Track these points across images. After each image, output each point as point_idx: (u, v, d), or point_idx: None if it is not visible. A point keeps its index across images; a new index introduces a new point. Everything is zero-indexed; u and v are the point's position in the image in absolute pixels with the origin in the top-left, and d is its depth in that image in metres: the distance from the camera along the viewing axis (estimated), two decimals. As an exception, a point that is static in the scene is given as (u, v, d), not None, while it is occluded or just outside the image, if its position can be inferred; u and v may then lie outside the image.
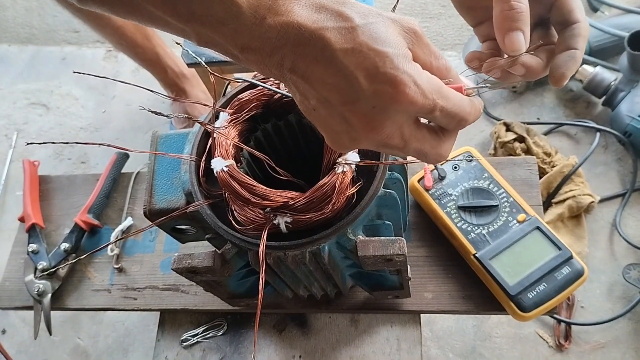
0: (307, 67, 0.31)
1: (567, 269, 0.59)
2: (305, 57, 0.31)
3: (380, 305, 0.65)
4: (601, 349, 0.98)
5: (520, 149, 1.11)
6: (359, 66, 0.31)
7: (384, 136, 0.33)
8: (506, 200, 0.63)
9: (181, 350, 0.69)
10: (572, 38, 0.46)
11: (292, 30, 0.30)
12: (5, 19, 1.65)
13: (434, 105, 0.32)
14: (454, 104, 0.34)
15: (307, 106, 0.34)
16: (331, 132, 0.34)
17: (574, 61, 0.46)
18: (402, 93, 0.31)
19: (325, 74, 0.31)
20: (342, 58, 0.30)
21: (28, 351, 1.15)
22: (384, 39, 0.31)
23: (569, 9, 0.47)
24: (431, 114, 0.33)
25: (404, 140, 0.34)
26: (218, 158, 0.46)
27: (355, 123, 0.32)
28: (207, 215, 0.47)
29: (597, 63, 1.17)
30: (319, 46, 0.30)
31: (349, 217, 0.45)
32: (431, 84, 0.32)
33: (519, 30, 0.43)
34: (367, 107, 0.32)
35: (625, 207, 1.08)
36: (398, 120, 0.33)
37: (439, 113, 0.33)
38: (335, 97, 0.32)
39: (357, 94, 0.31)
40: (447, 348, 1.02)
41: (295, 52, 0.31)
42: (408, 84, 0.31)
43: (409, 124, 0.33)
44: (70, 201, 0.81)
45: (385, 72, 0.31)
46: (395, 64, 0.31)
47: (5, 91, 1.53)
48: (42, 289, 0.72)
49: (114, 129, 1.41)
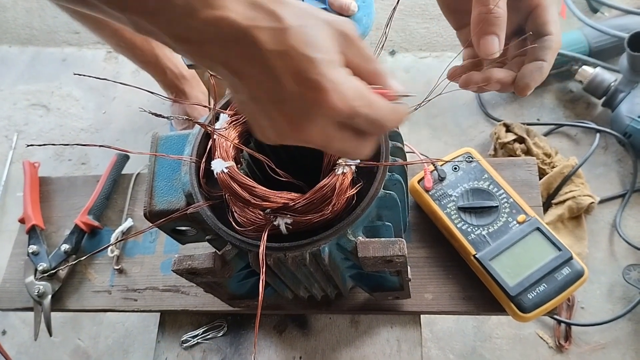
0: (237, 63, 0.32)
1: (567, 270, 0.59)
2: (237, 54, 0.31)
3: (381, 306, 0.65)
4: (601, 350, 0.98)
5: (520, 149, 1.11)
6: (287, 70, 0.31)
7: (307, 136, 0.34)
8: (506, 201, 0.63)
9: (181, 351, 0.69)
10: (541, 50, 0.48)
11: (224, 26, 0.30)
12: (5, 20, 1.66)
13: (355, 112, 0.33)
14: (376, 112, 0.35)
15: (237, 98, 0.35)
16: (258, 126, 0.35)
17: (540, 72, 0.47)
18: (325, 99, 0.32)
19: (255, 73, 0.32)
20: (271, 60, 0.31)
21: (28, 352, 1.15)
22: (314, 43, 0.32)
23: (543, 21, 0.48)
24: (352, 120, 0.34)
25: (326, 141, 0.35)
26: (218, 159, 0.46)
27: (281, 121, 0.34)
28: (208, 216, 0.47)
29: (597, 64, 1.18)
30: (249, 45, 0.31)
31: (349, 218, 0.45)
32: (355, 92, 0.33)
33: (494, 35, 0.45)
34: (293, 108, 0.33)
35: (625, 207, 1.08)
36: (320, 123, 0.33)
37: (359, 119, 0.34)
38: (264, 95, 0.33)
39: (283, 95, 0.32)
40: (448, 349, 1.02)
41: (227, 47, 0.31)
42: (331, 91, 0.32)
43: (331, 126, 0.34)
44: (70, 202, 0.81)
45: (311, 78, 0.31)
46: (321, 70, 0.31)
47: (6, 92, 1.54)
48: (42, 290, 0.72)
49: (114, 130, 1.41)
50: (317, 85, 0.32)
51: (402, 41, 1.41)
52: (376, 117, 0.35)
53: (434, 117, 1.27)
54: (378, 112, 0.35)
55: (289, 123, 0.34)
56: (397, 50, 1.40)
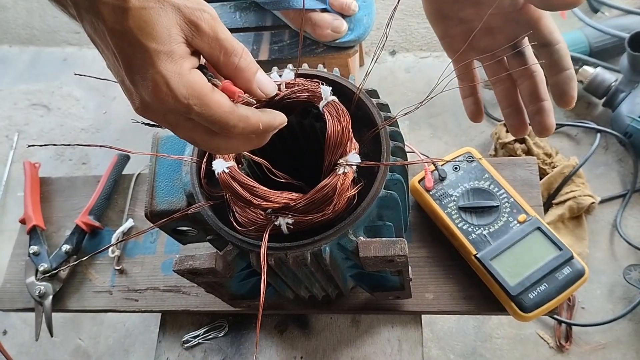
0: (91, 32, 0.32)
1: (568, 270, 0.59)
2: (90, 24, 0.31)
3: (382, 306, 0.65)
4: (602, 350, 0.98)
5: (520, 149, 1.11)
6: (121, 53, 0.31)
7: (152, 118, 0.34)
8: (507, 201, 0.63)
9: (182, 352, 0.69)
10: (562, 59, 0.49)
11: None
12: (6, 20, 1.66)
13: (187, 109, 0.32)
14: (213, 112, 0.33)
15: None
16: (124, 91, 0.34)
17: (575, 79, 0.49)
18: (154, 92, 0.31)
19: (102, 46, 0.32)
20: (109, 38, 0.31)
21: (29, 352, 1.15)
22: (151, 30, 0.30)
23: (550, 30, 0.49)
24: (187, 116, 0.33)
25: (172, 127, 0.35)
26: (219, 159, 0.46)
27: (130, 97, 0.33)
28: (209, 216, 0.47)
29: (598, 64, 1.17)
30: (95, 18, 0.30)
31: (350, 218, 0.45)
32: (188, 89, 0.32)
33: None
34: (132, 89, 0.32)
35: (625, 207, 1.08)
36: (160, 110, 0.33)
37: (195, 117, 0.33)
38: (112, 70, 0.33)
39: (121, 76, 0.32)
40: (448, 349, 1.02)
41: (84, 16, 0.31)
42: (160, 85, 0.31)
43: (173, 115, 0.33)
44: (71, 203, 0.81)
45: (141, 68, 0.31)
46: (152, 62, 0.31)
47: (6, 92, 1.54)
48: (43, 290, 0.72)
49: (115, 130, 1.41)
50: (147, 76, 0.31)
51: (402, 41, 1.41)
52: (212, 118, 0.33)
53: (434, 117, 1.27)
54: (214, 113, 0.33)
55: (133, 103, 0.33)
56: (397, 50, 1.40)
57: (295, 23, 0.93)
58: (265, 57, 0.93)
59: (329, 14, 0.89)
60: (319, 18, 0.88)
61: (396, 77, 1.35)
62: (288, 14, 0.93)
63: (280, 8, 0.91)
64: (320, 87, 0.47)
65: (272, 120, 0.38)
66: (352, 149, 0.45)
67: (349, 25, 0.89)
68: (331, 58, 0.93)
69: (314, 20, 0.88)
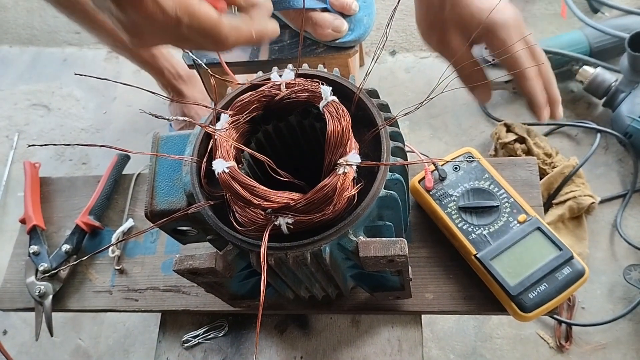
0: None
1: (568, 270, 0.59)
2: None
3: (382, 306, 0.65)
4: (602, 350, 0.98)
5: (520, 149, 1.11)
6: None
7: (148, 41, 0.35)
8: (507, 201, 0.63)
9: (182, 351, 0.69)
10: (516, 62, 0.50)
11: None
12: (6, 20, 1.66)
13: (177, 22, 0.33)
14: (202, 22, 0.34)
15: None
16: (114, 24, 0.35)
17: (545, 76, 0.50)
18: (142, 9, 0.32)
19: None
20: None
21: (29, 352, 1.15)
22: None
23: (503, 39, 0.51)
24: (179, 30, 0.34)
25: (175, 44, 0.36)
26: (219, 159, 0.46)
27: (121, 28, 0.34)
28: (209, 216, 0.47)
29: (598, 64, 1.18)
30: None
31: (350, 218, 0.45)
32: (175, 1, 0.33)
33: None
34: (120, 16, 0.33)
35: (625, 208, 1.08)
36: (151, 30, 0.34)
37: (186, 30, 0.34)
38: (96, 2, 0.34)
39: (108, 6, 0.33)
40: (448, 349, 1.02)
41: None
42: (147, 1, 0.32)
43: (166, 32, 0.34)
44: (71, 203, 0.81)
45: None
46: None
47: (7, 92, 1.54)
48: (43, 290, 0.72)
49: (115, 130, 1.41)
50: None
51: (402, 41, 1.41)
52: (202, 29, 0.34)
53: (434, 117, 1.27)
54: (203, 23, 0.34)
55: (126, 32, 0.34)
56: (397, 50, 1.40)
57: (296, 23, 0.93)
58: (266, 57, 0.93)
59: (330, 13, 0.89)
60: (320, 17, 0.88)
61: (396, 77, 1.35)
62: (288, 14, 0.93)
63: (280, 8, 0.91)
64: (321, 87, 0.47)
65: (264, 28, 0.39)
66: (352, 149, 0.45)
67: (349, 25, 0.89)
68: (331, 58, 0.93)
69: (314, 19, 0.88)
